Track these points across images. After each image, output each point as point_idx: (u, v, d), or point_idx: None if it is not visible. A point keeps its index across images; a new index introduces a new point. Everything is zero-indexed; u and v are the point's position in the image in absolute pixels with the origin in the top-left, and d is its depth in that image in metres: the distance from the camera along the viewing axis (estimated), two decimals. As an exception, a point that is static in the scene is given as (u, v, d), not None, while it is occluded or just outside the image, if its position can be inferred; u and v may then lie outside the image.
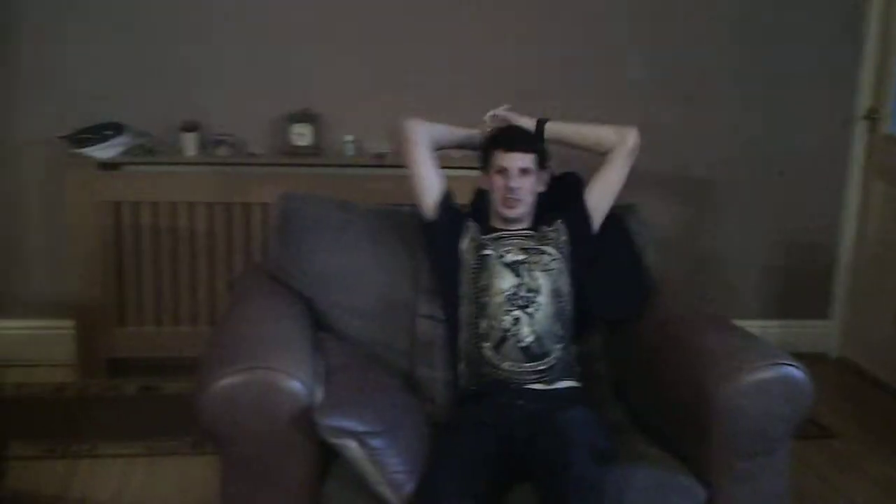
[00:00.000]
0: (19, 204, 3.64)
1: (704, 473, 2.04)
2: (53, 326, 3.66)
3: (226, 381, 1.85)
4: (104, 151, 3.37)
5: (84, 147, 3.36)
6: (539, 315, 2.25)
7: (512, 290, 2.26)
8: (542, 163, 2.39)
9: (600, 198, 2.41)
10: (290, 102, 3.63)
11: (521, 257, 2.30)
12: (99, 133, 3.39)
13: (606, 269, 2.43)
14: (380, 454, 1.88)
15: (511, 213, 2.34)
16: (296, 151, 3.61)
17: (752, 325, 2.32)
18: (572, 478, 1.82)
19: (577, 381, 2.27)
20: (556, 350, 2.24)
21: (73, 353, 3.57)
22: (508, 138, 2.38)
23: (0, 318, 3.33)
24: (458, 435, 2.05)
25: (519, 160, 2.32)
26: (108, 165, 3.42)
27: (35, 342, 3.66)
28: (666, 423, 2.20)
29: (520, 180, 2.32)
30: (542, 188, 2.40)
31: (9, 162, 3.59)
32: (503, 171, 2.32)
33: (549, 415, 2.04)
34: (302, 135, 3.60)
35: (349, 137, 3.64)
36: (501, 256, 2.31)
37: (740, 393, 1.98)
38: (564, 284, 2.32)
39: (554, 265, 2.31)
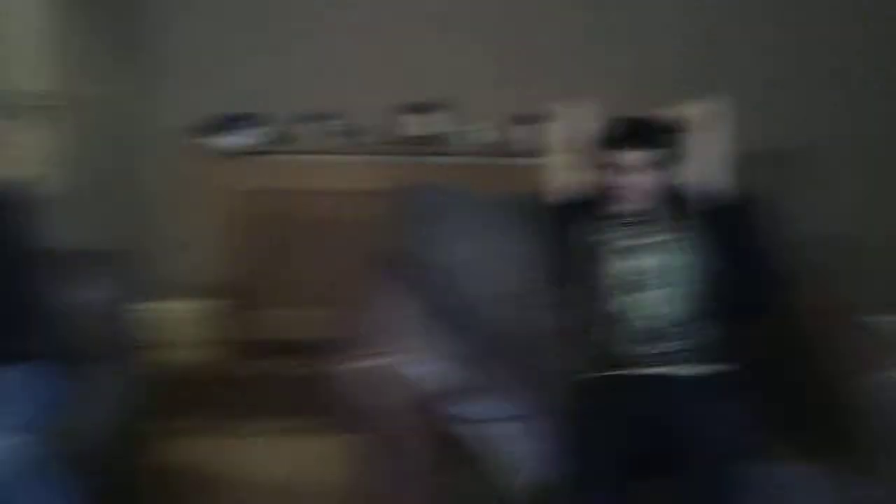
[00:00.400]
0: (169, 190, 3.81)
1: (848, 472, 1.97)
2: (201, 308, 3.82)
3: (354, 365, 1.89)
4: (234, 140, 3.48)
5: (220, 135, 3.48)
6: (654, 297, 2.21)
7: (624, 273, 2.24)
8: (667, 157, 2.30)
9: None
10: (415, 91, 3.67)
11: (634, 241, 2.27)
12: (234, 122, 3.50)
13: (735, 256, 2.36)
14: (504, 442, 1.89)
15: (617, 206, 2.30)
16: (420, 140, 3.65)
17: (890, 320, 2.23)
18: (707, 474, 1.79)
19: (708, 369, 2.22)
20: (677, 334, 2.20)
21: (219, 334, 3.73)
22: (619, 134, 2.30)
23: (151, 301, 3.45)
24: (587, 427, 2.02)
25: (627, 158, 2.24)
26: (241, 154, 3.53)
27: (184, 323, 3.81)
28: (806, 419, 2.14)
29: (627, 178, 2.24)
30: (665, 181, 2.33)
31: (155, 149, 3.75)
32: (612, 166, 2.28)
33: (682, 406, 2.01)
34: (426, 124, 3.63)
35: (472, 126, 3.66)
36: (615, 241, 2.28)
37: (886, 389, 1.90)
38: (683, 267, 2.27)
39: (670, 247, 2.27)
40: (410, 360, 1.90)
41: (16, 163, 2.87)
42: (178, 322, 3.82)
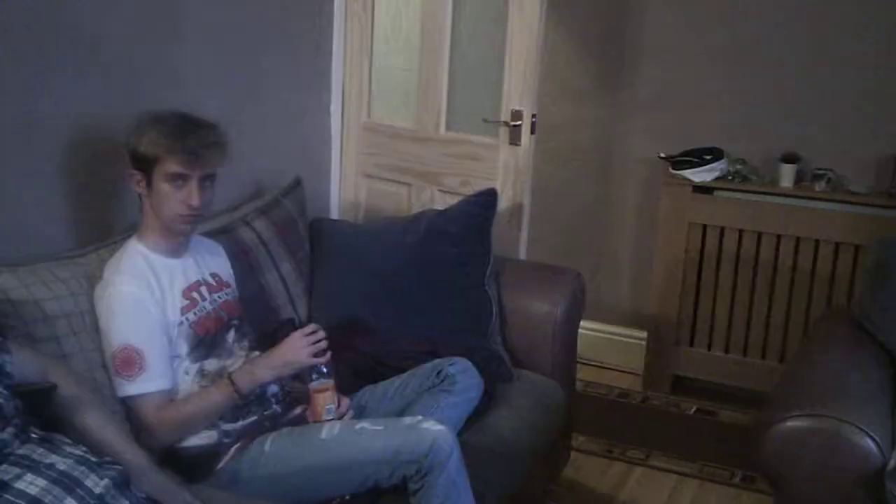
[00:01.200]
0: (620, 216, 3.90)
1: None
2: (627, 335, 3.88)
3: (792, 424, 1.80)
4: (700, 175, 3.45)
5: (682, 169, 3.47)
6: None
7: None
8: None
9: None
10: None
11: None
12: (698, 157, 3.48)
13: None
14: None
15: None
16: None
17: None
18: None
19: None
20: None
21: (641, 364, 3.74)
22: None
23: (586, 320, 3.57)
24: None
25: None
26: (702, 189, 3.49)
27: (609, 346, 3.90)
28: None
29: None
30: None
31: (618, 178, 3.85)
32: None
33: None
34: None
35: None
36: None
37: None
38: None
39: None
40: (857, 429, 1.74)
41: (491, 176, 3.10)
42: (606, 345, 3.89)
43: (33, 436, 1.41)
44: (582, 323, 2.78)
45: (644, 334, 3.75)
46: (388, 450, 1.84)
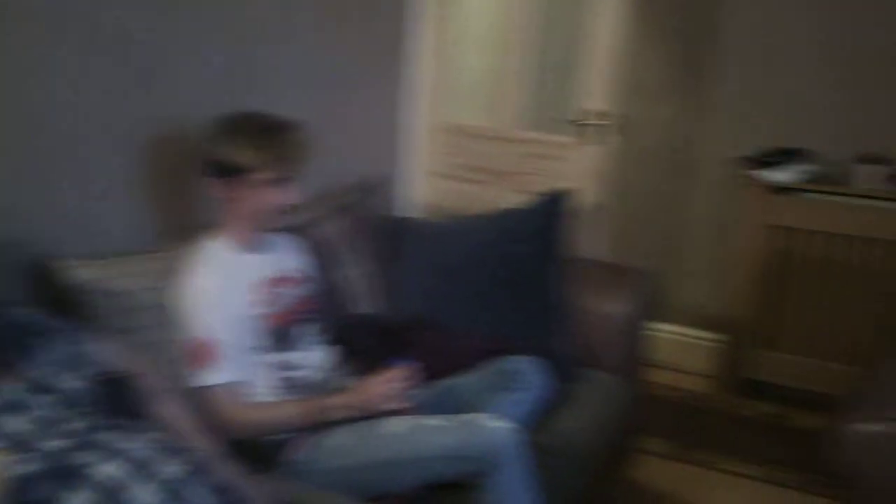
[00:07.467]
0: (697, 217, 3.85)
1: None
2: (702, 337, 3.83)
3: (866, 427, 1.77)
4: (780, 175, 3.39)
5: (762, 169, 3.41)
6: None
7: None
8: None
9: None
10: None
11: None
12: (779, 157, 3.41)
13: None
14: None
15: None
16: None
17: None
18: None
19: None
20: None
21: (711, 366, 3.69)
22: None
23: (658, 322, 3.51)
24: None
25: None
26: (783, 190, 3.42)
27: (683, 349, 3.85)
28: None
29: None
30: None
31: (696, 177, 3.80)
32: None
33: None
34: None
35: None
36: None
37: None
38: None
39: None
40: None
41: (566, 175, 3.10)
42: (677, 347, 3.84)
43: (112, 423, 1.47)
44: (653, 324, 2.76)
45: (715, 336, 3.70)
46: (450, 446, 1.85)
